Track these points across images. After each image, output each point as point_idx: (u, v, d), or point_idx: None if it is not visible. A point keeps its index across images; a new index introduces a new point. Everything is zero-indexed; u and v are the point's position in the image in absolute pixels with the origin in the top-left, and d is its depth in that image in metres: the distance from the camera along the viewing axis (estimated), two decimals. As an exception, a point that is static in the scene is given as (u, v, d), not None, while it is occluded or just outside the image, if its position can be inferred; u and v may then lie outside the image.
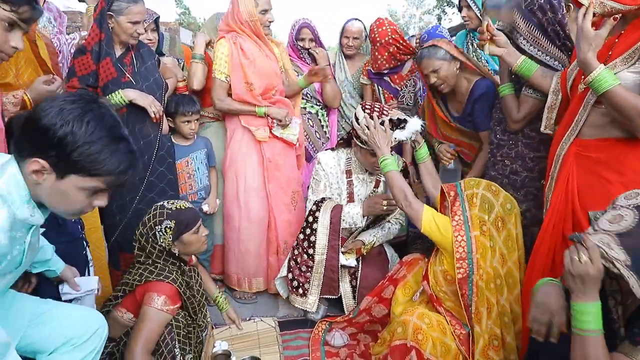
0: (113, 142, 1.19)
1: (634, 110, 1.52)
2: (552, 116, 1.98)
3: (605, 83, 1.54)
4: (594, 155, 1.73)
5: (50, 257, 1.73)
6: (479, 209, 1.95)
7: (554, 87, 1.95)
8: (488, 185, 2.01)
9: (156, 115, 2.42)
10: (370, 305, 2.40)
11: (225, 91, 2.80)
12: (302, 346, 2.47)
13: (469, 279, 1.91)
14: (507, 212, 1.96)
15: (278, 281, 2.72)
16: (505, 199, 1.97)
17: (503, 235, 1.95)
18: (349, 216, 2.49)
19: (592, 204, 1.70)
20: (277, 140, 2.88)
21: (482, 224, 1.94)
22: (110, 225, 2.46)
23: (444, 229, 1.98)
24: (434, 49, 2.41)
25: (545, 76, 2.00)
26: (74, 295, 1.83)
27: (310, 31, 3.21)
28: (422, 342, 1.82)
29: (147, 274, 1.98)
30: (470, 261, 1.91)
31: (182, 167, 2.80)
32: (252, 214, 2.85)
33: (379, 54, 3.10)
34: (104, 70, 2.33)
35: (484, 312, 1.91)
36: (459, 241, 1.94)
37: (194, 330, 2.15)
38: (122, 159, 1.21)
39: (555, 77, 1.96)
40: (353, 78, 3.41)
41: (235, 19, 2.75)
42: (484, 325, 1.91)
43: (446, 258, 2.01)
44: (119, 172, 1.21)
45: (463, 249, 1.93)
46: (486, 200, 1.96)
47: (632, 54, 1.57)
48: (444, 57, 2.40)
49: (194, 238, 2.06)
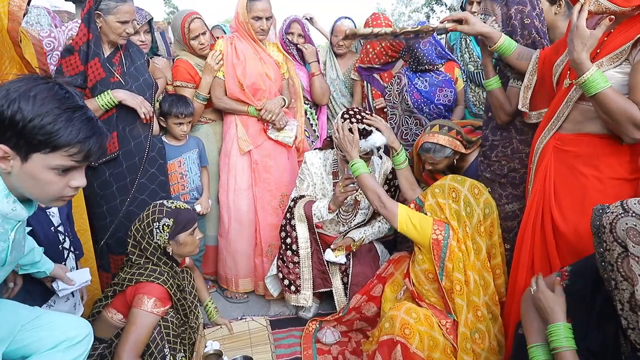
0: (66, 112, 1.14)
1: (622, 114, 1.51)
2: (528, 95, 1.97)
3: (597, 85, 1.52)
4: (571, 149, 1.74)
5: (39, 259, 1.72)
6: (456, 204, 2.01)
7: (531, 68, 1.96)
8: (472, 185, 2.04)
9: (146, 116, 2.40)
10: (360, 303, 2.42)
11: (222, 89, 2.86)
12: (294, 344, 2.48)
13: (444, 241, 1.96)
14: (486, 217, 2.01)
15: (268, 279, 2.74)
16: (485, 203, 2.01)
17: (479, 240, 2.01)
18: (317, 209, 2.52)
19: (568, 197, 1.74)
20: (270, 141, 2.90)
21: (463, 223, 2.00)
22: (100, 227, 2.44)
23: (420, 226, 2.01)
24: (442, 149, 2.36)
25: (522, 57, 1.99)
26: (70, 290, 1.83)
27: (300, 27, 3.21)
28: (408, 337, 1.83)
29: (138, 275, 1.98)
30: (447, 228, 1.98)
31: (174, 167, 2.79)
32: (241, 215, 2.88)
33: (370, 47, 3.07)
34: (93, 71, 2.30)
35: (461, 279, 1.93)
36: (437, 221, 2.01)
37: (186, 331, 2.15)
38: (80, 127, 1.15)
39: (533, 58, 1.96)
40: (344, 76, 3.41)
41: (235, 19, 2.84)
42: (465, 297, 1.94)
43: (425, 255, 2.03)
44: (79, 141, 1.15)
45: (440, 228, 1.98)
46: (467, 202, 2.00)
47: (620, 54, 1.56)
48: (447, 155, 2.38)
49: (189, 239, 2.09)
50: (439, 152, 2.37)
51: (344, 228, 2.67)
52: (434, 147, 2.36)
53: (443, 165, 2.44)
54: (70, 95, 1.18)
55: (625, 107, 1.51)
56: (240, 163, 2.87)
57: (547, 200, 1.80)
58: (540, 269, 1.80)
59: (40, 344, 1.50)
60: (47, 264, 1.76)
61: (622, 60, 1.56)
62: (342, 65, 3.44)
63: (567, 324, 1.39)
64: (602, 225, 1.25)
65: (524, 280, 1.84)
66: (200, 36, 2.85)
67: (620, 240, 1.19)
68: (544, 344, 1.43)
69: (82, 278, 1.88)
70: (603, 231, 1.24)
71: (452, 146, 2.36)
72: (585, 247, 1.63)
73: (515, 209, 2.19)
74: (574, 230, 1.70)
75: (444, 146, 2.36)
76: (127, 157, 2.41)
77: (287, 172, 2.99)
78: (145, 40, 2.91)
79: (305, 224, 2.56)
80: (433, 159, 2.40)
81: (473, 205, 2.00)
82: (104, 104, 2.29)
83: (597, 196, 1.65)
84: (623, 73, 1.57)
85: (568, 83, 1.72)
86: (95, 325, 1.98)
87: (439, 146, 2.36)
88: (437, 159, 2.39)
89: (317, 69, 3.20)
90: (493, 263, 2.06)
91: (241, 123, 2.86)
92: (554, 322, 1.40)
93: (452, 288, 1.96)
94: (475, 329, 1.93)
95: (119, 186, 2.41)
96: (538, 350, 1.44)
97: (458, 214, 2.00)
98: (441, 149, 2.37)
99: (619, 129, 1.56)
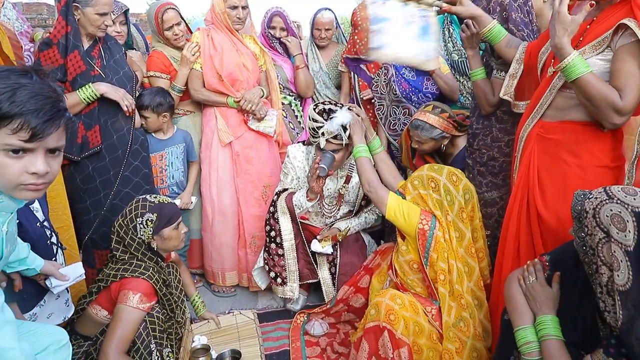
0: (12, 86, 1.07)
1: (602, 100, 1.52)
2: (512, 84, 1.97)
3: (577, 70, 1.53)
4: (554, 137, 1.75)
5: (27, 255, 1.68)
6: (435, 192, 2.02)
7: (518, 56, 1.96)
8: (450, 173, 2.04)
9: (129, 108, 2.37)
10: (347, 295, 2.42)
11: (200, 81, 2.83)
12: (282, 337, 2.48)
13: (429, 232, 1.96)
14: (466, 202, 2.01)
15: (256, 272, 2.74)
16: (464, 189, 2.01)
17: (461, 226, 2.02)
18: (297, 199, 2.52)
19: (550, 185, 1.75)
20: (250, 132, 2.88)
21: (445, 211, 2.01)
22: (84, 222, 2.42)
23: (408, 214, 2.01)
24: (430, 128, 2.37)
25: (510, 45, 1.99)
26: (65, 285, 1.81)
27: (282, 20, 3.17)
28: (394, 323, 1.83)
29: (123, 270, 1.96)
30: (434, 219, 1.98)
31: (155, 160, 2.76)
32: (224, 208, 2.87)
33: (358, 38, 3.04)
34: (72, 64, 2.27)
35: (445, 269, 1.94)
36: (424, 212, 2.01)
37: (173, 326, 2.13)
38: (24, 101, 1.07)
39: (521, 47, 1.96)
40: (328, 68, 3.38)
41: (212, 11, 2.82)
42: (447, 286, 1.94)
43: (410, 244, 2.04)
44: (19, 113, 1.06)
45: (426, 218, 1.99)
46: (447, 191, 2.00)
47: (602, 41, 1.57)
48: (436, 137, 2.39)
49: (174, 233, 2.07)
50: (427, 131, 2.38)
51: (330, 220, 2.67)
52: (423, 125, 2.38)
53: (428, 146, 2.45)
54: (15, 69, 1.11)
55: (605, 92, 1.52)
56: (221, 155, 2.86)
57: (531, 187, 1.81)
58: (525, 255, 1.81)
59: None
60: (36, 260, 1.72)
61: (604, 47, 1.57)
62: (324, 56, 3.41)
63: (556, 317, 1.43)
64: (584, 210, 1.26)
65: (509, 267, 1.85)
66: (175, 27, 2.81)
67: (603, 226, 1.21)
68: (531, 326, 1.46)
69: (76, 273, 1.85)
70: (585, 216, 1.25)
71: (441, 128, 2.38)
72: (566, 235, 1.61)
73: (495, 196, 2.23)
74: (555, 217, 1.72)
75: (433, 126, 2.37)
76: (110, 151, 2.40)
77: (269, 163, 2.98)
78: (121, 32, 2.87)
79: (289, 216, 2.56)
80: (419, 137, 2.41)
81: (453, 193, 2.00)
82: (86, 97, 2.27)
83: (578, 183, 1.65)
84: (605, 60, 1.58)
85: (552, 71, 1.73)
86: (79, 322, 2.01)
87: (428, 125, 2.37)
88: (423, 137, 2.40)
89: (302, 62, 3.18)
90: (476, 247, 2.07)
91: (221, 115, 2.85)
92: (545, 314, 1.43)
93: (436, 277, 1.97)
94: (460, 318, 1.94)
95: (103, 180, 2.40)
96: (525, 331, 1.45)
97: (440, 203, 2.00)
98: (430, 129, 2.37)
99: (599, 115, 1.57)
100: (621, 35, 1.53)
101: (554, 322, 1.41)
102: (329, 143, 2.37)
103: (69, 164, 2.35)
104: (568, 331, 1.40)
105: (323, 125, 2.34)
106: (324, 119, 2.35)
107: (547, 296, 1.46)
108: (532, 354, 1.41)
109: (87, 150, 2.33)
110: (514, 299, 1.54)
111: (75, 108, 2.27)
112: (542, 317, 1.43)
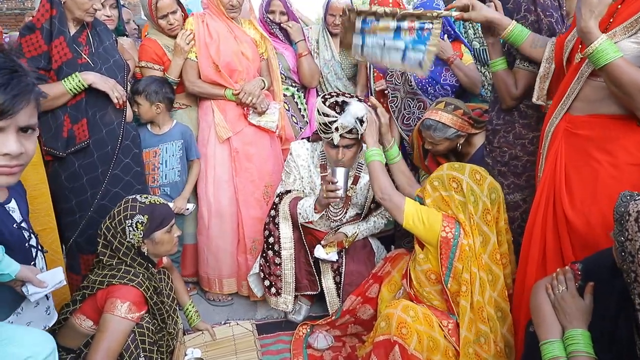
0: None
1: (635, 87, 1.44)
2: (545, 86, 1.91)
3: (606, 55, 1.45)
4: (583, 132, 1.67)
5: (1, 258, 1.58)
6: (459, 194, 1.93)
7: (547, 55, 1.89)
8: (472, 171, 1.94)
9: (119, 100, 2.27)
10: (354, 305, 2.34)
11: (195, 72, 2.75)
12: (283, 350, 2.41)
13: (453, 240, 1.87)
14: (492, 203, 1.92)
15: (251, 278, 2.67)
16: (490, 188, 1.92)
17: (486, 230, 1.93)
18: (303, 209, 2.42)
19: (579, 185, 1.68)
20: (250, 127, 2.80)
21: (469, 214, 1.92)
22: (69, 223, 2.33)
23: (429, 222, 1.91)
24: (444, 128, 2.28)
25: (536, 45, 1.94)
26: (43, 293, 1.72)
27: (282, 3, 3.05)
28: (406, 337, 1.75)
29: (110, 277, 1.91)
30: (457, 225, 1.89)
31: (148, 156, 2.67)
32: (222, 209, 2.79)
33: None
34: (58, 51, 2.16)
35: (468, 279, 1.86)
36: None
37: (164, 338, 2.09)
38: None
39: (549, 44, 1.89)
40: (341, 57, 3.24)
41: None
42: (469, 298, 1.86)
43: (431, 254, 1.94)
44: None
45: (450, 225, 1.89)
46: (471, 190, 1.91)
47: (634, 22, 1.48)
48: (450, 136, 2.31)
49: (166, 237, 2.03)
50: (440, 131, 2.30)
51: (336, 224, 2.57)
52: (436, 125, 2.30)
53: (443, 147, 2.37)
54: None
55: (638, 78, 1.44)
56: (219, 152, 2.78)
57: (557, 188, 1.74)
58: (552, 263, 1.74)
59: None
60: (12, 265, 1.63)
61: (637, 28, 1.49)
62: (337, 45, 3.25)
63: (588, 332, 1.37)
64: (627, 213, 1.21)
65: (533, 275, 1.78)
66: (169, 15, 2.71)
67: None
68: (559, 340, 1.40)
69: (55, 279, 1.76)
70: (627, 219, 1.21)
71: (456, 126, 2.30)
72: (596, 240, 1.60)
73: (518, 199, 2.13)
74: (585, 220, 1.64)
75: (447, 125, 2.29)
76: (98, 146, 2.30)
77: (270, 161, 2.90)
78: (111, 16, 2.80)
79: (290, 223, 2.48)
80: (433, 137, 2.34)
81: (477, 193, 1.90)
82: (72, 87, 2.17)
83: (611, 183, 1.58)
84: (638, 43, 1.49)
85: (579, 57, 1.65)
86: (62, 334, 1.94)
87: (441, 124, 2.29)
88: (436, 138, 2.33)
89: (305, 49, 3.05)
90: (500, 251, 1.97)
91: (218, 108, 2.75)
92: (575, 328, 1.38)
93: (458, 290, 1.87)
94: (481, 334, 1.86)
95: (90, 178, 2.31)
96: (553, 346, 1.40)
97: (464, 205, 1.90)
98: (443, 128, 2.29)
99: (633, 104, 1.49)
100: None
101: (585, 337, 1.36)
102: (342, 138, 2.24)
103: (53, 161, 2.27)
104: (600, 348, 1.34)
105: (336, 119, 2.20)
106: (337, 113, 2.21)
107: (579, 308, 1.40)
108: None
109: (73, 146, 2.24)
110: (541, 309, 1.49)
111: (60, 99, 2.18)
112: (572, 331, 1.38)
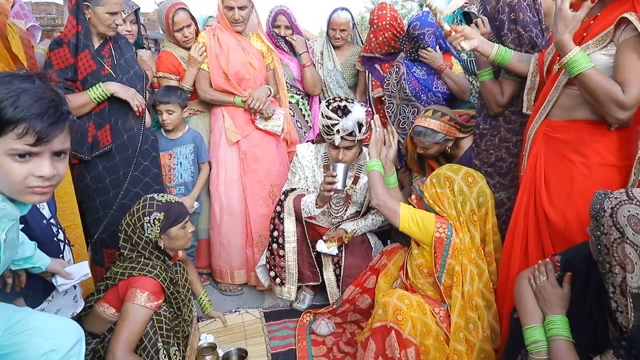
0: (15, 91, 1.08)
1: (605, 95, 1.53)
2: (532, 97, 1.99)
3: (579, 65, 1.55)
4: (560, 136, 1.75)
5: (32, 253, 1.68)
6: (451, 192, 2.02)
7: (532, 69, 1.97)
8: (466, 174, 2.03)
9: (139, 108, 2.38)
10: (353, 295, 2.42)
11: (207, 81, 2.85)
12: (289, 336, 2.48)
13: (446, 239, 1.95)
14: (479, 205, 2.00)
15: (259, 269, 2.74)
16: (479, 192, 2.00)
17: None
18: (305, 204, 2.50)
19: (556, 184, 1.75)
20: (258, 131, 2.88)
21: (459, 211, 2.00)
22: (93, 221, 2.42)
23: (423, 224, 1.99)
24: (432, 134, 2.36)
25: (521, 61, 2.01)
26: (70, 284, 1.81)
27: (286, 18, 3.16)
28: (401, 323, 1.82)
29: (130, 269, 1.97)
30: (450, 225, 1.96)
31: (164, 159, 2.77)
32: (232, 207, 2.87)
33: (373, 36, 3.05)
34: (83, 63, 2.28)
35: (459, 271, 1.94)
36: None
37: (180, 325, 2.14)
38: (28, 105, 1.07)
39: (533, 60, 1.98)
40: (342, 67, 3.38)
41: (218, 10, 2.82)
42: (460, 288, 1.93)
43: (425, 251, 2.02)
44: (24, 118, 1.07)
45: (442, 225, 1.97)
46: (461, 191, 1.99)
47: (605, 36, 1.57)
48: (439, 141, 2.39)
49: (181, 233, 2.08)
50: (429, 136, 2.38)
51: (337, 220, 2.66)
52: (425, 131, 2.37)
53: (433, 150, 2.45)
54: (17, 74, 1.12)
55: (607, 86, 1.53)
56: (229, 154, 2.87)
57: (537, 187, 1.81)
58: (534, 256, 1.81)
59: (27, 352, 1.38)
60: (42, 259, 1.72)
61: (607, 42, 1.58)
62: (339, 56, 3.41)
63: (566, 318, 1.43)
64: (602, 209, 1.26)
65: (517, 268, 1.85)
66: (185, 29, 2.83)
67: (619, 226, 1.21)
68: (540, 325, 1.46)
69: (81, 272, 1.85)
70: (602, 214, 1.26)
71: (444, 131, 2.37)
72: (572, 235, 1.67)
73: (503, 197, 2.23)
74: (561, 217, 1.72)
75: (435, 131, 2.36)
76: (120, 150, 2.40)
77: (276, 162, 2.98)
78: (131, 30, 2.87)
79: (294, 218, 2.55)
80: (423, 143, 2.41)
81: (466, 194, 1.99)
82: (96, 96, 2.27)
83: (583, 182, 1.67)
84: (609, 55, 1.59)
85: (557, 68, 1.74)
86: (87, 320, 2.01)
87: (430, 130, 2.37)
88: (426, 143, 2.40)
89: (308, 60, 3.18)
90: (486, 250, 2.06)
91: (228, 114, 2.85)
92: (554, 314, 1.44)
93: (451, 285, 1.96)
94: (470, 320, 1.94)
95: (112, 179, 2.40)
96: (534, 330, 1.46)
97: (455, 204, 2.00)
98: (432, 134, 2.37)
99: (603, 110, 1.58)
100: (623, 29, 1.54)
101: (564, 323, 1.42)
102: (343, 140, 2.34)
103: (79, 163, 2.36)
104: (577, 332, 1.40)
105: (338, 122, 2.32)
106: (339, 116, 2.32)
107: (558, 296, 1.46)
108: (540, 353, 1.41)
109: (97, 150, 2.34)
110: (524, 297, 1.55)
111: (86, 107, 2.28)
112: (552, 317, 1.44)
